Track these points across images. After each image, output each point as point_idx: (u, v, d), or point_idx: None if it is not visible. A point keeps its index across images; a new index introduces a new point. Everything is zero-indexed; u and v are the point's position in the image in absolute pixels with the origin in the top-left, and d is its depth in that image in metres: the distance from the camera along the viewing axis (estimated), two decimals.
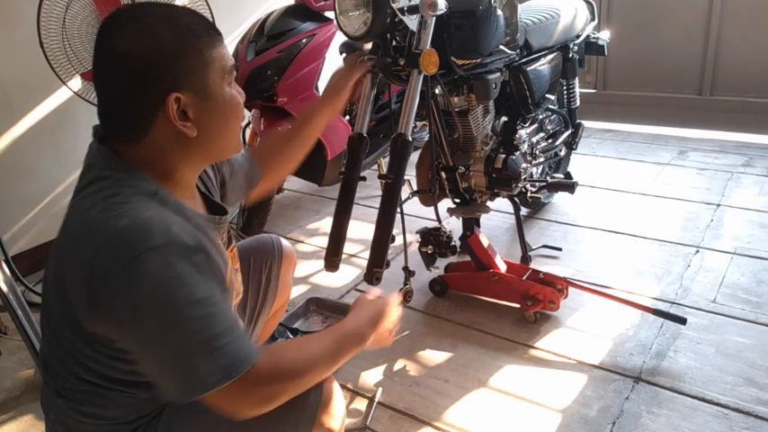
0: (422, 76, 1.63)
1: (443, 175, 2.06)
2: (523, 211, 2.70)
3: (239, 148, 1.06)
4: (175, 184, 0.99)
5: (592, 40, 2.59)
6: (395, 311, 1.16)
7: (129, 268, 0.82)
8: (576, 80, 2.56)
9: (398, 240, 1.84)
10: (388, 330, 1.16)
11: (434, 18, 1.61)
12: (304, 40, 2.49)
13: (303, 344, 0.99)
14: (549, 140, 2.47)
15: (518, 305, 2.07)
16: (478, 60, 1.81)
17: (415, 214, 2.51)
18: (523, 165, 2.10)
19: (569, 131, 2.56)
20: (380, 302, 1.14)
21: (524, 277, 2.05)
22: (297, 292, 2.27)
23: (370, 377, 1.84)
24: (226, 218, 1.10)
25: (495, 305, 2.14)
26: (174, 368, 0.85)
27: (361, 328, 1.08)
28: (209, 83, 0.94)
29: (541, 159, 2.38)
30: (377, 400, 1.73)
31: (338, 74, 1.51)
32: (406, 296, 1.81)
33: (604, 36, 2.66)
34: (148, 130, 0.92)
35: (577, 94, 2.58)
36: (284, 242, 1.56)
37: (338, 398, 1.11)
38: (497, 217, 2.75)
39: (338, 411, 1.10)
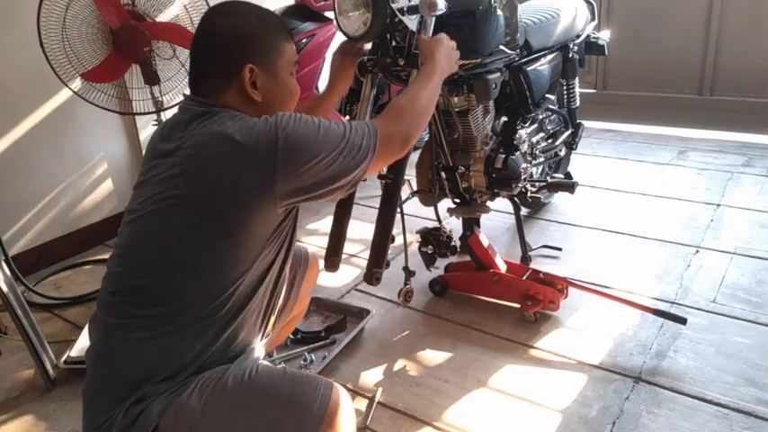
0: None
1: (443, 175, 2.06)
2: (523, 211, 2.70)
3: None
4: None
5: (592, 40, 2.59)
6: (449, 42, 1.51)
7: (283, 127, 1.08)
8: (576, 80, 2.55)
9: (398, 240, 1.84)
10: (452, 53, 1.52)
11: (434, 18, 1.61)
12: (304, 41, 2.49)
13: (404, 92, 1.33)
14: (549, 140, 2.47)
15: (518, 305, 2.07)
16: (478, 60, 1.81)
17: (415, 214, 2.51)
18: (523, 165, 2.10)
19: (569, 131, 2.56)
20: (437, 42, 1.48)
21: (524, 277, 2.05)
22: None
23: (370, 377, 1.84)
24: None
25: (495, 305, 2.14)
26: (343, 154, 1.12)
27: (437, 63, 1.43)
28: (278, 66, 1.21)
29: (541, 159, 2.38)
30: (377, 400, 1.73)
31: (337, 59, 1.65)
32: (407, 296, 1.82)
33: (604, 36, 2.66)
34: (228, 88, 1.17)
35: (577, 94, 2.58)
36: (311, 253, 1.64)
37: (345, 410, 1.09)
38: (497, 217, 2.75)
39: (345, 424, 1.08)
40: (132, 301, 1.09)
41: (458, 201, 2.15)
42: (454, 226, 2.22)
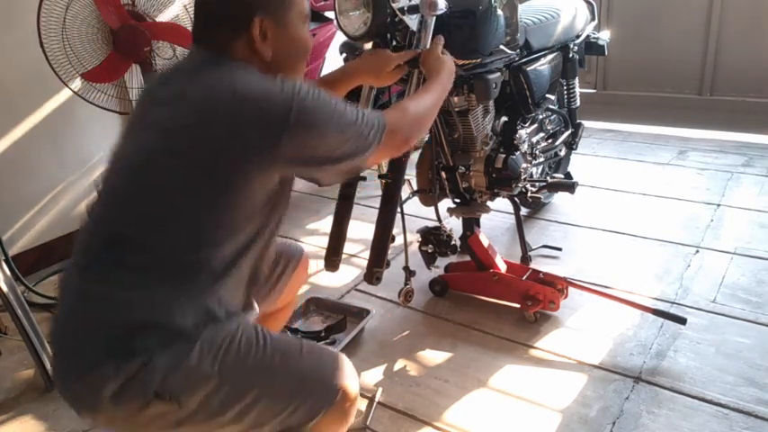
0: (422, 76, 1.63)
1: (443, 174, 2.06)
2: (523, 211, 2.70)
3: (301, 77, 1.26)
4: None
5: (592, 40, 2.59)
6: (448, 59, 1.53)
7: (300, 99, 1.06)
8: (576, 80, 2.55)
9: (398, 240, 1.84)
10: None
11: (434, 18, 1.61)
12: None
13: (413, 96, 1.39)
14: (549, 140, 2.47)
15: (518, 305, 2.07)
16: (479, 60, 1.81)
17: (415, 214, 2.51)
18: (523, 165, 2.10)
19: (569, 131, 2.56)
20: (442, 62, 1.50)
21: (524, 277, 2.05)
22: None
23: (370, 377, 1.84)
24: None
25: (495, 305, 2.14)
26: (350, 140, 1.12)
27: (442, 79, 1.45)
28: (289, 18, 1.17)
29: (541, 159, 2.38)
30: (377, 400, 1.73)
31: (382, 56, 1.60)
32: (407, 296, 1.82)
33: (604, 36, 2.66)
34: (236, 42, 1.13)
35: (577, 94, 2.58)
36: (306, 253, 1.61)
37: (355, 382, 1.18)
38: (497, 217, 2.75)
39: (355, 394, 1.17)
40: (119, 248, 1.05)
41: (458, 201, 2.15)
42: (454, 226, 2.22)
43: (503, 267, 2.12)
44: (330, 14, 2.56)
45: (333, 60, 2.76)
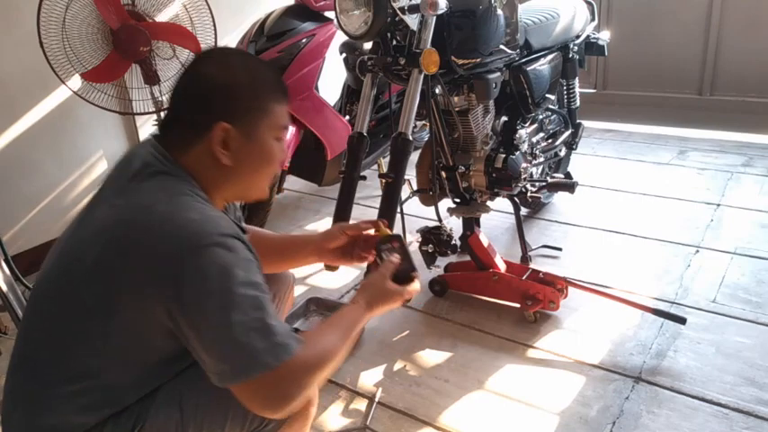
0: (422, 76, 1.64)
1: (443, 174, 2.06)
2: (523, 211, 2.70)
3: (263, 195, 1.16)
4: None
5: (592, 40, 2.59)
6: (402, 298, 1.20)
7: (203, 251, 0.92)
8: (576, 80, 2.56)
9: None
10: (396, 304, 1.20)
11: (435, 17, 1.61)
12: (304, 40, 2.49)
13: (327, 332, 1.05)
14: (549, 140, 2.47)
15: (518, 305, 2.07)
16: (479, 60, 1.82)
17: (415, 214, 2.51)
18: (523, 164, 2.10)
19: (569, 131, 2.56)
20: (390, 292, 1.18)
21: (524, 277, 2.05)
22: (297, 291, 2.27)
23: (370, 377, 1.84)
24: None
25: (495, 305, 2.14)
26: (232, 344, 0.91)
27: (371, 309, 1.14)
28: (259, 129, 1.06)
29: (541, 159, 2.38)
30: (377, 400, 1.73)
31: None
32: None
33: (604, 36, 2.67)
34: (197, 143, 1.04)
35: (577, 94, 2.58)
36: (293, 277, 1.55)
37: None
38: (497, 217, 2.75)
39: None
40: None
41: (458, 200, 2.15)
42: (454, 225, 2.22)
43: (502, 267, 2.12)
44: (330, 14, 2.56)
45: (333, 60, 2.76)
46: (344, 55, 2.84)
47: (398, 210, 1.70)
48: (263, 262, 1.38)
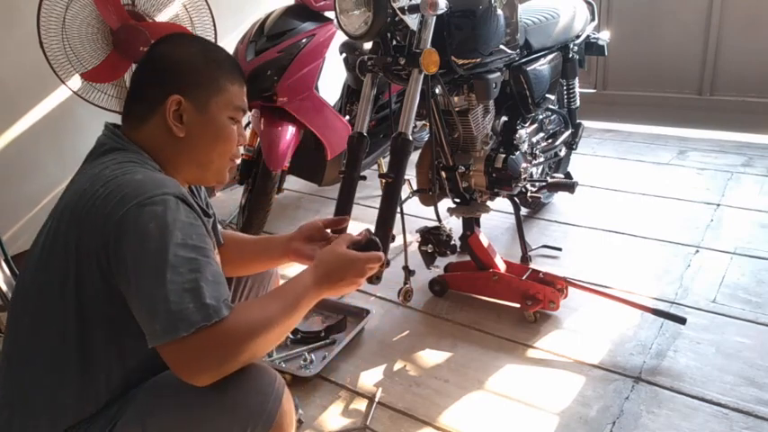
0: (422, 76, 1.63)
1: (443, 174, 2.06)
2: (523, 211, 2.70)
3: (221, 178, 1.19)
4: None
5: (592, 40, 2.59)
6: (361, 270, 1.14)
7: (143, 208, 0.94)
8: (576, 80, 2.56)
9: (398, 240, 1.84)
10: (352, 284, 1.15)
11: (435, 17, 1.61)
12: (304, 40, 2.49)
13: (266, 304, 1.02)
14: (549, 140, 2.47)
15: (518, 305, 2.07)
16: (479, 60, 1.82)
17: (415, 214, 2.51)
18: (523, 164, 2.10)
19: (569, 131, 2.56)
20: (346, 261, 1.13)
21: (524, 277, 2.05)
22: None
23: (370, 377, 1.84)
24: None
25: (495, 305, 2.14)
26: (164, 303, 0.90)
27: (320, 287, 1.09)
28: (211, 103, 1.11)
29: (541, 159, 2.38)
30: (377, 400, 1.73)
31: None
32: (406, 295, 1.82)
33: (604, 36, 2.67)
34: (151, 118, 1.09)
35: (577, 94, 2.58)
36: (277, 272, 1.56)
37: (289, 404, 1.05)
38: (497, 217, 2.75)
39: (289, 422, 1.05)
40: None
41: (458, 200, 2.15)
42: (454, 225, 2.22)
43: (502, 267, 2.12)
44: (330, 14, 2.56)
45: (333, 60, 2.76)
46: (344, 55, 2.84)
47: (398, 210, 1.70)
48: (239, 265, 1.40)
